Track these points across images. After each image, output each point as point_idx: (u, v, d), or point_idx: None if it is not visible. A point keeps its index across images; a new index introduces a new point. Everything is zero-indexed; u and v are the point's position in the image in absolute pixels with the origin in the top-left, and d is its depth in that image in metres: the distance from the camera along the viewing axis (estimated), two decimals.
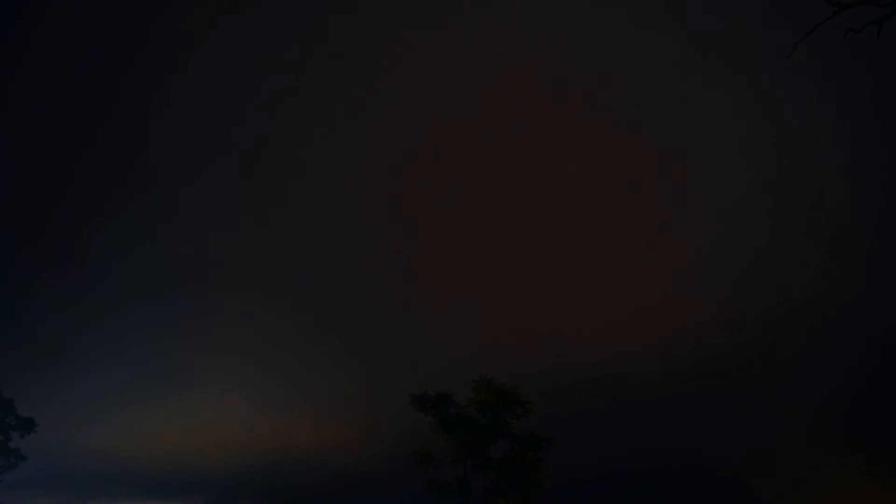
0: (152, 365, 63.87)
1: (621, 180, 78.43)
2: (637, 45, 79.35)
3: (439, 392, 28.40)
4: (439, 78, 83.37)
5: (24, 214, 75.17)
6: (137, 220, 76.21)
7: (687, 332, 63.63)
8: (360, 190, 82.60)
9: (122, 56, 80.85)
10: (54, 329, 64.36)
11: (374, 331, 69.58)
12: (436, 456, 27.59)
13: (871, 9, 11.66)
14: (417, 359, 62.00)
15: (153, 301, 70.00)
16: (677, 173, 77.63)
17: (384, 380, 60.99)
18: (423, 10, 79.71)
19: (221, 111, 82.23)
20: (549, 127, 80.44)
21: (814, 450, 51.57)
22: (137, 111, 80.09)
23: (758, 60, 74.28)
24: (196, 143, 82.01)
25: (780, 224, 71.60)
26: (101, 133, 79.78)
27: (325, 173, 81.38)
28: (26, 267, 69.60)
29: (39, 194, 76.22)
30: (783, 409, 55.93)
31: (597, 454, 48.07)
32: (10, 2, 78.09)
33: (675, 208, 76.62)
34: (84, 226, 75.44)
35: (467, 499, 27.06)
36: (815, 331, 59.45)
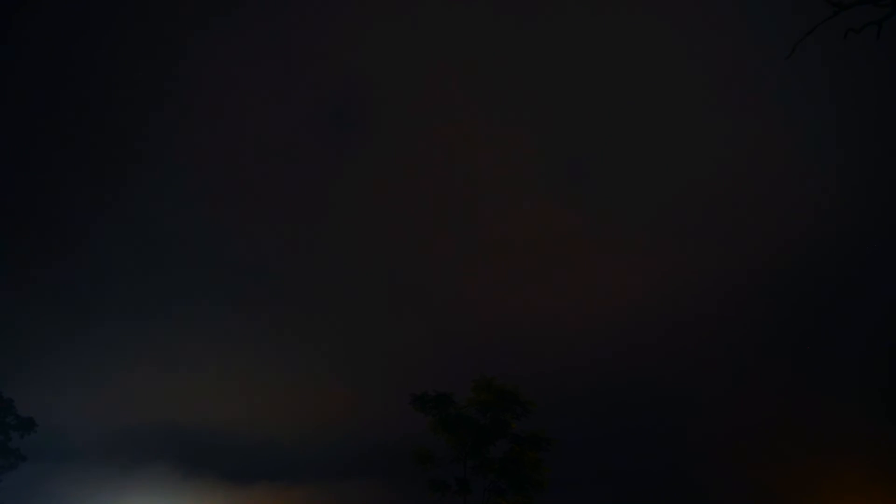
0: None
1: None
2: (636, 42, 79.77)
3: (439, 392, 28.32)
4: None
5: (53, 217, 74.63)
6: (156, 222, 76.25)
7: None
8: (365, 194, 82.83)
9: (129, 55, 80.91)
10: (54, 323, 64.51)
11: (374, 329, 69.62)
12: (436, 456, 27.55)
13: (871, 9, 11.64)
14: (418, 358, 61.98)
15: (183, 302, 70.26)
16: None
17: (383, 377, 60.97)
18: None
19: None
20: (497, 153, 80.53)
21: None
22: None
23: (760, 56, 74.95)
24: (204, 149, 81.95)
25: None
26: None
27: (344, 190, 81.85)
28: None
29: (49, 192, 76.18)
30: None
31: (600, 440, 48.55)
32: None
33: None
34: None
35: (467, 499, 27.02)
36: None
